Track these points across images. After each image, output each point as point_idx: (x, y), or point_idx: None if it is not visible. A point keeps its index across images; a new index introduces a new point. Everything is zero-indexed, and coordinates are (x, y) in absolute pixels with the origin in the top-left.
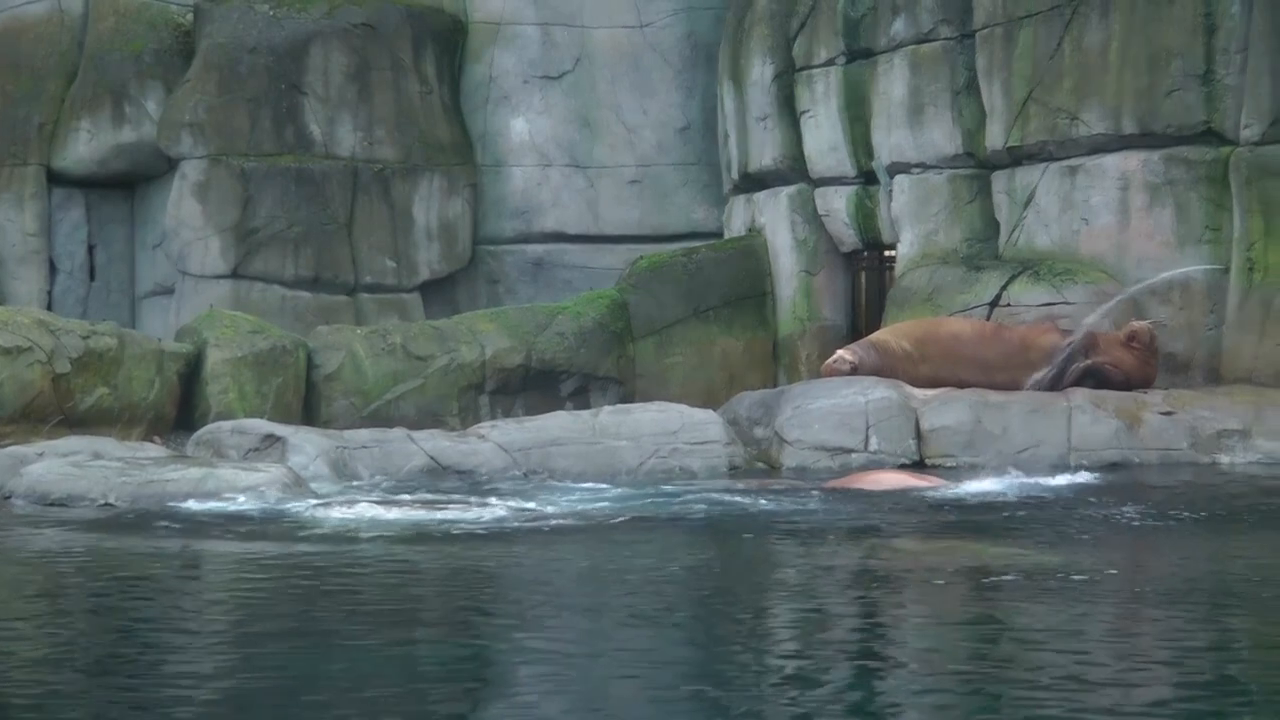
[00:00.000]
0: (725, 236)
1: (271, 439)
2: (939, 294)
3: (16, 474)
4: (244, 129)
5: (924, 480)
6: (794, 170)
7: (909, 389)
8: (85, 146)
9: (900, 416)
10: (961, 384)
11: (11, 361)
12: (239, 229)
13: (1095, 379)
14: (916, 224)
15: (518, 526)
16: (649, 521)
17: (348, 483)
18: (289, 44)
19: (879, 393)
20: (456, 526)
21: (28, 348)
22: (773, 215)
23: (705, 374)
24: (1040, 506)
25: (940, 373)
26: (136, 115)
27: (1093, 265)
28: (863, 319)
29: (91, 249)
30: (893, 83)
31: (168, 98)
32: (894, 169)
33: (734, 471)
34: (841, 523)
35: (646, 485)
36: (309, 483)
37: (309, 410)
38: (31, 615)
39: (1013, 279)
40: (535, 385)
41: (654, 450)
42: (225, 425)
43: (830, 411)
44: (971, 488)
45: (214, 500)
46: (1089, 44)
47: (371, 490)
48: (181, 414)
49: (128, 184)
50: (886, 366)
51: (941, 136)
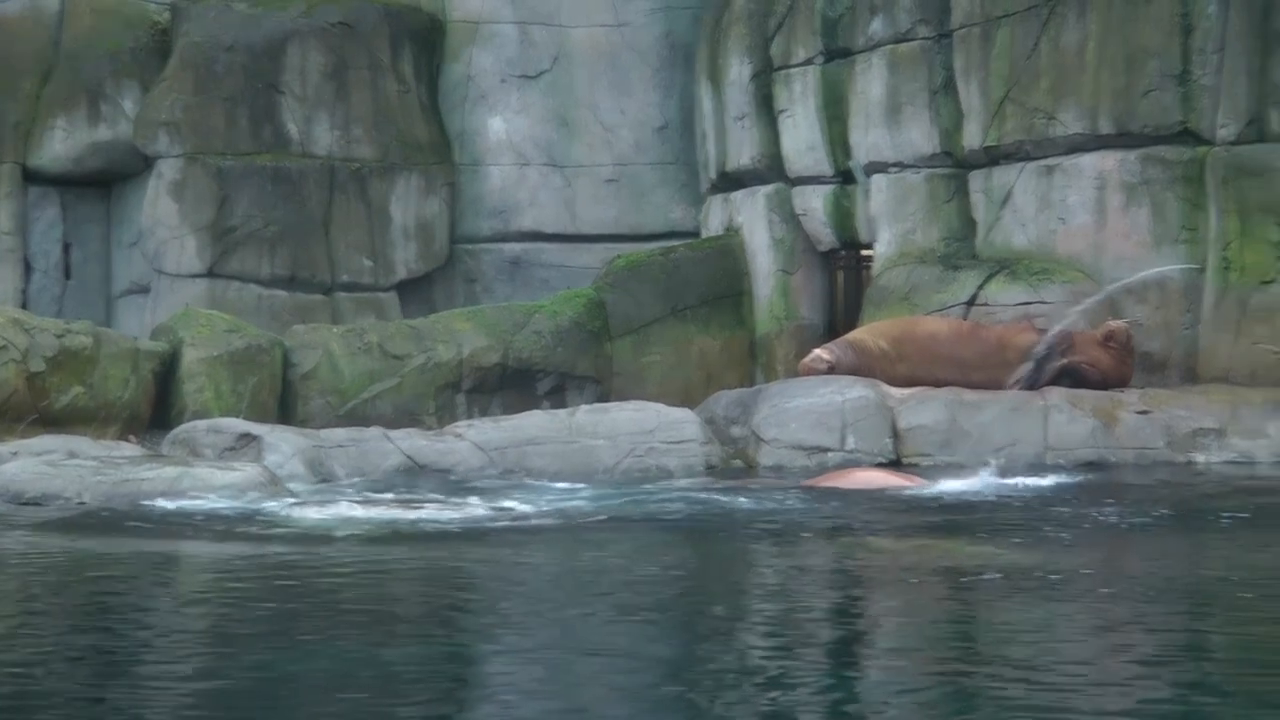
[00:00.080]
0: (702, 236)
1: (247, 438)
2: (916, 293)
3: None
4: (221, 128)
5: (903, 479)
6: (771, 169)
7: (886, 388)
8: (61, 145)
9: (877, 415)
10: (938, 383)
11: None
12: (215, 228)
13: (1072, 378)
14: (894, 223)
15: (494, 526)
16: (626, 521)
17: (324, 482)
18: (266, 43)
19: (856, 392)
20: (432, 526)
21: (2, 346)
22: (750, 214)
23: (682, 373)
24: (1017, 506)
25: (917, 372)
26: (113, 114)
27: (1069, 265)
28: (840, 318)
29: (67, 247)
30: (870, 82)
31: (144, 96)
32: (871, 168)
33: (711, 471)
34: (820, 522)
35: (623, 484)
36: (285, 482)
37: (285, 409)
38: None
39: (989, 278)
40: (512, 384)
41: (631, 449)
42: (201, 424)
43: (807, 410)
44: (949, 487)
45: (189, 499)
46: (1066, 44)
47: (348, 489)
48: (157, 413)
49: (104, 182)
50: (864, 365)
51: (919, 136)
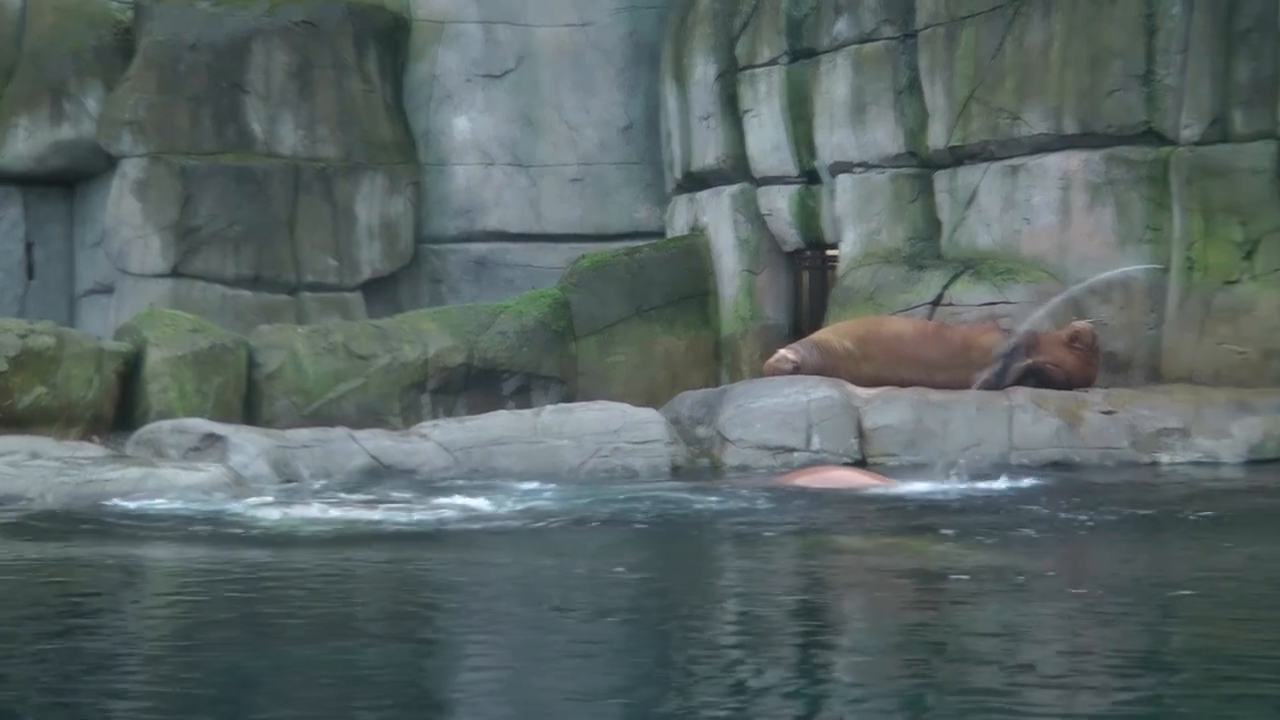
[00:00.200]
0: (668, 236)
1: (212, 438)
2: (881, 293)
3: None
4: (184, 127)
5: (872, 478)
6: (736, 169)
7: (851, 388)
8: (24, 144)
9: (842, 415)
10: (904, 383)
11: None
12: (179, 227)
13: (1037, 378)
14: (859, 223)
15: (459, 527)
16: (592, 521)
17: (289, 482)
18: (230, 42)
19: (821, 392)
20: (396, 527)
21: None
22: (715, 214)
23: (647, 373)
24: (983, 506)
25: (882, 372)
26: (76, 113)
27: (1034, 265)
28: (805, 318)
29: (30, 247)
30: (835, 82)
31: (107, 95)
32: (836, 168)
33: (676, 471)
34: (789, 522)
35: (589, 484)
36: (250, 482)
37: (250, 409)
38: None
39: (954, 278)
40: (477, 384)
41: (596, 449)
42: (165, 425)
43: (772, 411)
44: (916, 486)
45: (153, 500)
46: (1031, 44)
47: (312, 490)
48: (121, 413)
49: (67, 182)
50: (829, 365)
51: (884, 136)
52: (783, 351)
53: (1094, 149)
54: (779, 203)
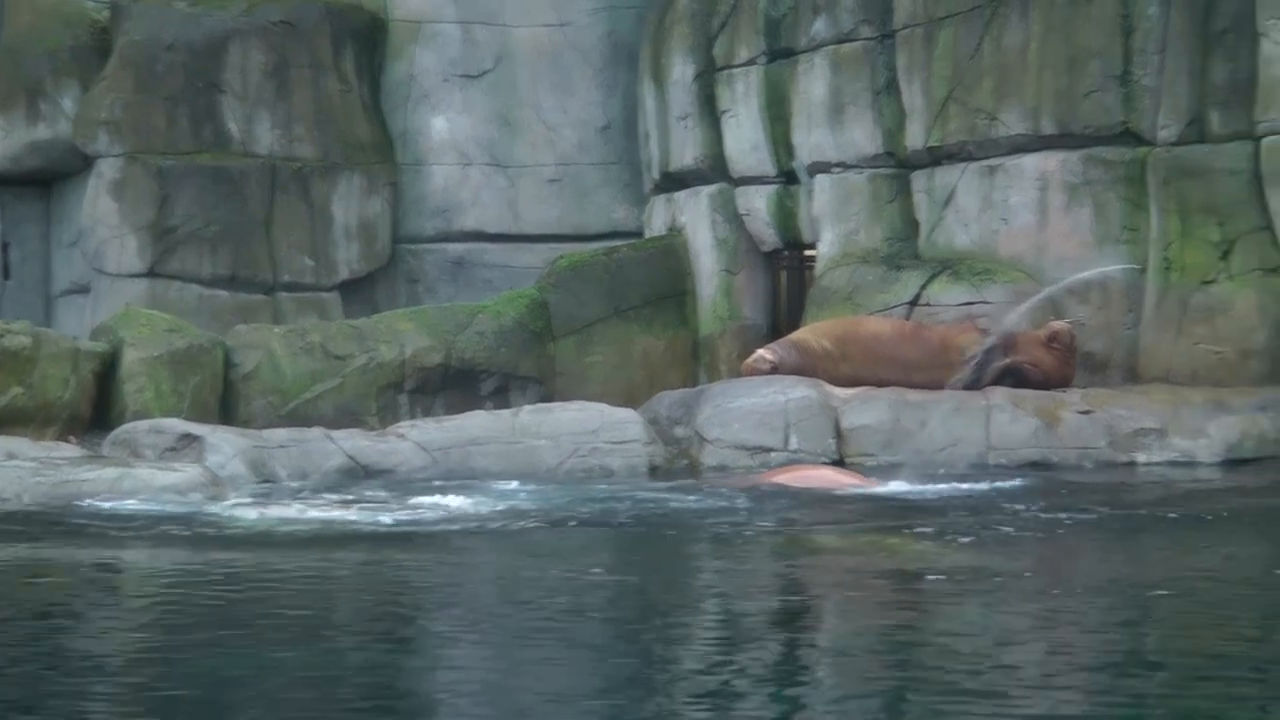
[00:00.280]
0: (646, 236)
1: (188, 438)
2: (859, 293)
3: None
4: (161, 127)
5: (852, 478)
6: (714, 169)
7: (829, 388)
8: (0, 143)
9: (820, 415)
10: (881, 383)
11: None
12: (156, 227)
13: (1014, 378)
14: (837, 223)
15: (436, 528)
16: (570, 522)
17: (266, 483)
18: (207, 41)
19: (799, 392)
20: (373, 528)
21: None
22: (693, 214)
23: (625, 373)
24: (960, 505)
25: (860, 372)
26: (52, 112)
27: (1012, 265)
28: (783, 318)
29: (5, 247)
30: (813, 82)
31: (84, 95)
32: (814, 168)
33: (654, 471)
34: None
35: (567, 485)
36: (226, 482)
37: (226, 410)
38: None
39: (932, 278)
40: (455, 384)
41: (574, 449)
42: (142, 425)
43: (750, 410)
44: (894, 486)
45: (130, 500)
46: (1008, 44)
47: (289, 490)
48: (97, 413)
49: (43, 182)
50: (807, 365)
51: (862, 136)
52: (760, 351)
53: (1071, 149)
54: (757, 203)
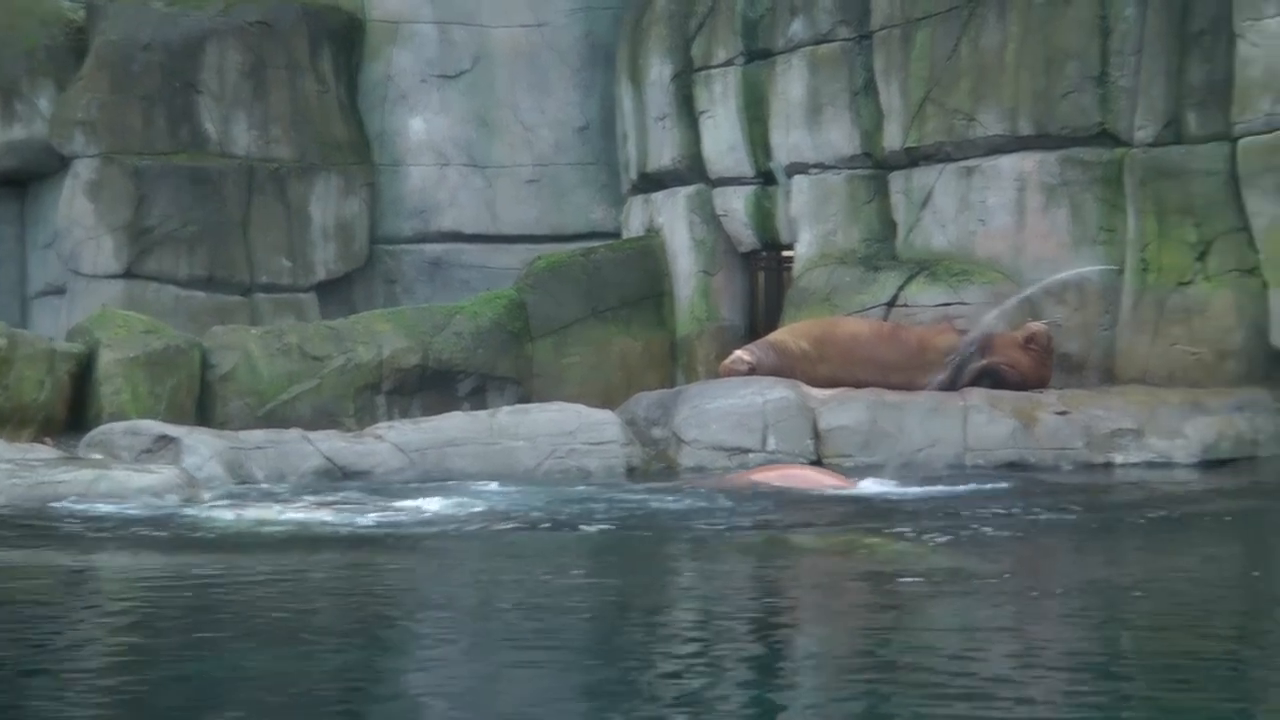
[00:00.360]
0: (623, 236)
1: (165, 440)
2: (836, 294)
3: None
4: (137, 127)
5: (831, 477)
6: (692, 170)
7: (807, 389)
8: None
9: (798, 416)
10: (859, 384)
11: None
12: (132, 228)
13: (991, 379)
14: (814, 224)
15: (413, 530)
16: (548, 523)
17: (243, 484)
18: (184, 41)
19: (777, 393)
20: (350, 530)
21: None
22: (671, 215)
23: (603, 374)
24: (937, 506)
25: (838, 373)
26: (28, 113)
27: (989, 266)
28: (761, 319)
29: None
30: (791, 83)
31: (60, 95)
32: (792, 169)
33: (632, 472)
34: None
35: (545, 486)
36: (203, 484)
37: (203, 411)
38: None
39: (910, 279)
40: (432, 385)
41: (551, 451)
42: (118, 426)
43: (728, 411)
44: (872, 487)
45: (106, 502)
46: (986, 45)
47: (266, 492)
48: (73, 415)
49: (18, 182)
50: (785, 366)
51: (839, 137)
52: (738, 352)
53: (1049, 150)
54: (735, 204)
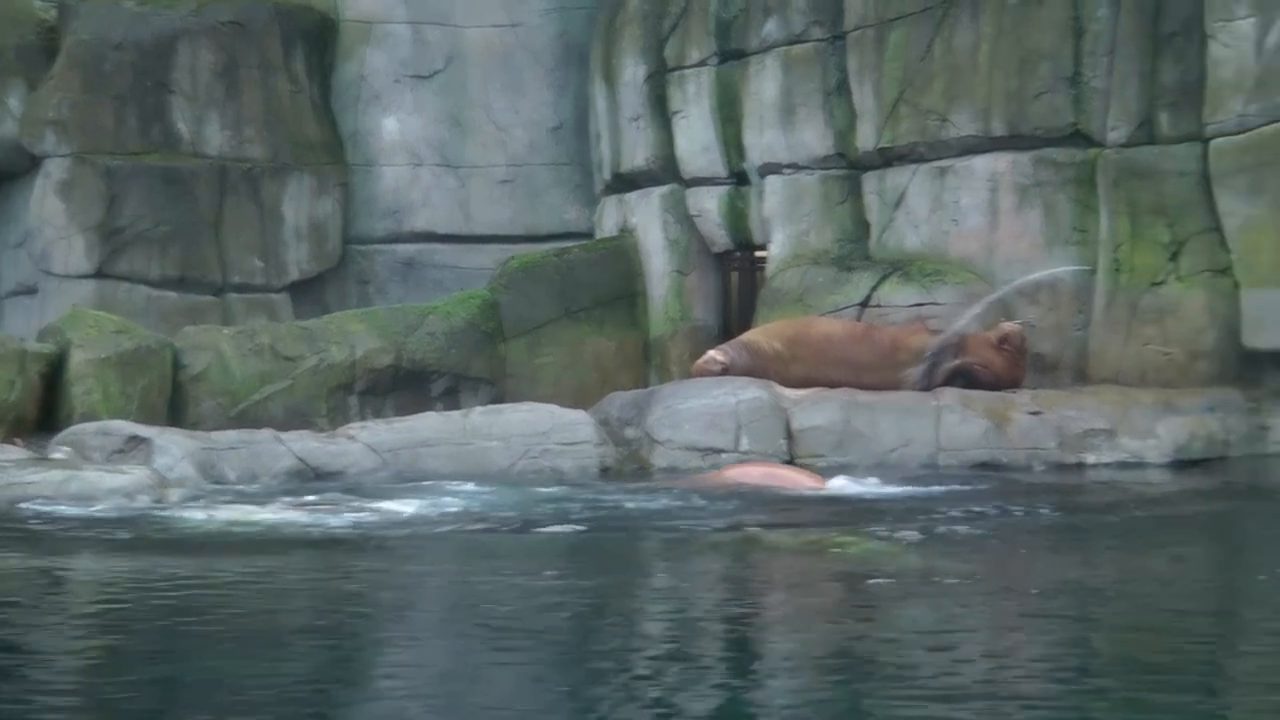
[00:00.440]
0: (597, 237)
1: (136, 440)
2: (810, 294)
3: None
4: (109, 127)
5: (805, 477)
6: (666, 170)
7: (780, 389)
8: None
9: (771, 416)
10: (832, 384)
11: None
12: (104, 228)
13: (965, 379)
14: (788, 224)
15: (386, 531)
16: (522, 524)
17: (215, 485)
18: (156, 41)
19: (750, 393)
20: (322, 531)
21: None
22: (644, 215)
23: (576, 374)
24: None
25: (811, 373)
26: None
27: (962, 266)
28: (734, 319)
29: None
30: (764, 83)
31: (31, 94)
32: (765, 169)
33: (605, 472)
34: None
35: (518, 486)
36: (175, 485)
37: (175, 411)
38: None
39: (883, 280)
40: (405, 386)
41: (525, 451)
42: (89, 427)
43: (701, 412)
44: (846, 487)
45: (76, 503)
46: (959, 46)
47: (238, 492)
48: (44, 415)
49: None
50: (758, 367)
51: (813, 137)
52: (711, 353)
53: (1022, 151)
54: (708, 204)
